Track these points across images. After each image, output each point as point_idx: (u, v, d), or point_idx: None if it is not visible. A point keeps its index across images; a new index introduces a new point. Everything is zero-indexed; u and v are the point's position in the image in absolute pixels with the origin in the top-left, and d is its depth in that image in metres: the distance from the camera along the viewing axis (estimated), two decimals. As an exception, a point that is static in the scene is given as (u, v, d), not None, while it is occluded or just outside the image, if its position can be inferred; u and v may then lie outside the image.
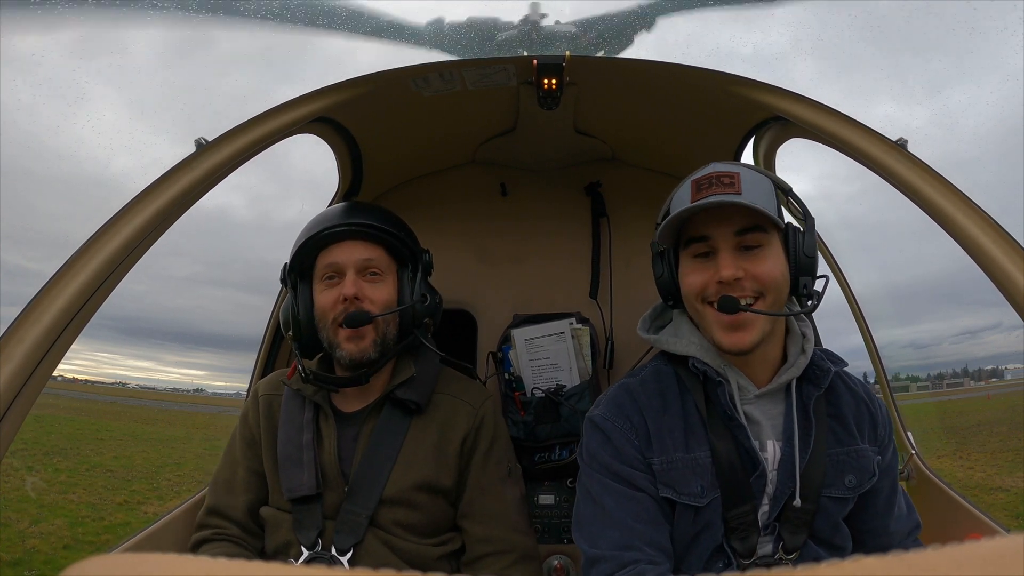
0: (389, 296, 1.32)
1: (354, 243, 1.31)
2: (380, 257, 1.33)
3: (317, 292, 1.32)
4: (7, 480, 8.76)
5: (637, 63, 1.37)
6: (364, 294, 1.29)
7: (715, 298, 1.04)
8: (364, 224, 1.31)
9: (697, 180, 1.07)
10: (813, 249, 1.09)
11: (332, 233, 1.30)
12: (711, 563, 1.07)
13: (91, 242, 1.09)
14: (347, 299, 1.27)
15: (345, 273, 1.29)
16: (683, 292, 1.12)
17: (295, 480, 1.27)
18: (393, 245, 1.35)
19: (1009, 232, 1.05)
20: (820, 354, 1.14)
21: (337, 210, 1.36)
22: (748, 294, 1.03)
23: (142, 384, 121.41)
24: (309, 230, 1.33)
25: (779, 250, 1.07)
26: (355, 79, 1.36)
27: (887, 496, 1.14)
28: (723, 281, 1.03)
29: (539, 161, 2.02)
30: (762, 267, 1.03)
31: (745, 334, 1.03)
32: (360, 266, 1.30)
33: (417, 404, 1.33)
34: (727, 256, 1.04)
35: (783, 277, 1.06)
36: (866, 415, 1.15)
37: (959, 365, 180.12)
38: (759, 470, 1.06)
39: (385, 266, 1.34)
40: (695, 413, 1.11)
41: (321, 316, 1.31)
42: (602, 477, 1.10)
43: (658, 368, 1.19)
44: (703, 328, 1.10)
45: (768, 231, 1.05)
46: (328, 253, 1.31)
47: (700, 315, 1.09)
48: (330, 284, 1.31)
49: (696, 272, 1.07)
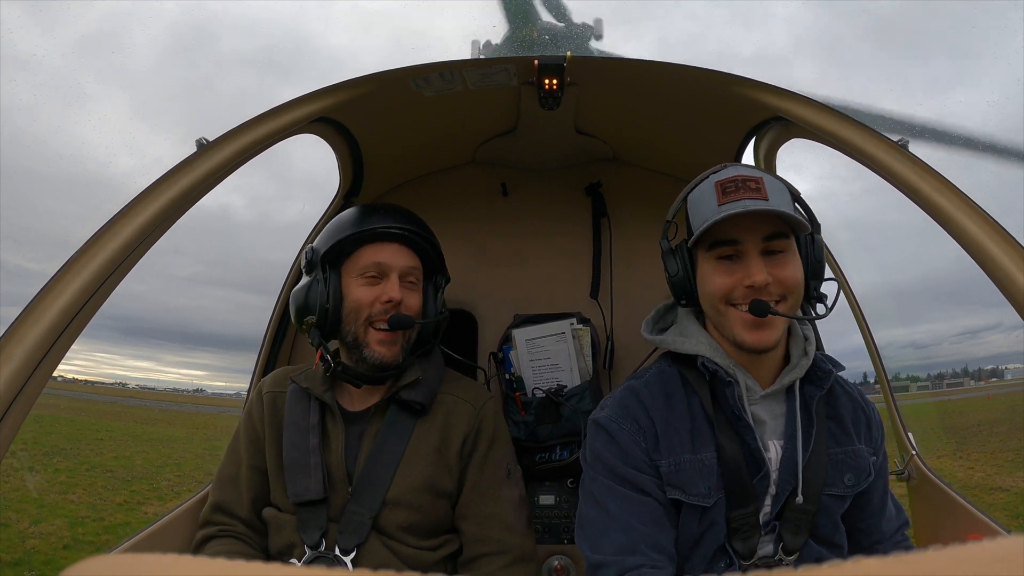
0: (420, 305, 1.37)
1: (401, 247, 1.34)
2: (419, 267, 1.38)
3: (353, 285, 1.31)
4: (7, 480, 8.76)
5: (638, 63, 1.37)
6: (404, 300, 1.31)
7: (741, 300, 1.07)
8: (415, 232, 1.35)
9: (722, 182, 1.07)
10: (822, 254, 1.14)
11: (385, 232, 1.32)
12: (713, 564, 1.08)
13: (91, 242, 1.09)
14: (391, 301, 1.29)
15: (389, 275, 1.31)
16: (704, 293, 1.13)
17: (301, 485, 1.27)
18: (430, 258, 1.41)
19: (1009, 232, 1.06)
20: (820, 357, 1.17)
21: (379, 210, 1.37)
22: (774, 297, 1.07)
23: (142, 384, 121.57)
24: (352, 224, 1.33)
25: (797, 255, 1.11)
26: (356, 79, 1.36)
27: (880, 496, 1.18)
28: (754, 286, 1.05)
29: (540, 161, 2.02)
30: (786, 272, 1.07)
31: (769, 333, 1.06)
32: (404, 272, 1.33)
33: (422, 405, 1.33)
34: (757, 261, 1.06)
35: (802, 281, 1.10)
36: (862, 417, 1.18)
37: (959, 365, 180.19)
38: (763, 471, 1.08)
39: (420, 276, 1.39)
40: (701, 414, 1.12)
41: (354, 311, 1.30)
42: (606, 480, 1.10)
43: (662, 370, 1.20)
44: (723, 327, 1.12)
45: (789, 237, 1.09)
46: (375, 251, 1.32)
47: (722, 315, 1.10)
48: (372, 281, 1.31)
49: (722, 275, 1.09)
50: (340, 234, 1.32)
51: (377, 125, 1.68)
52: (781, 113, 1.34)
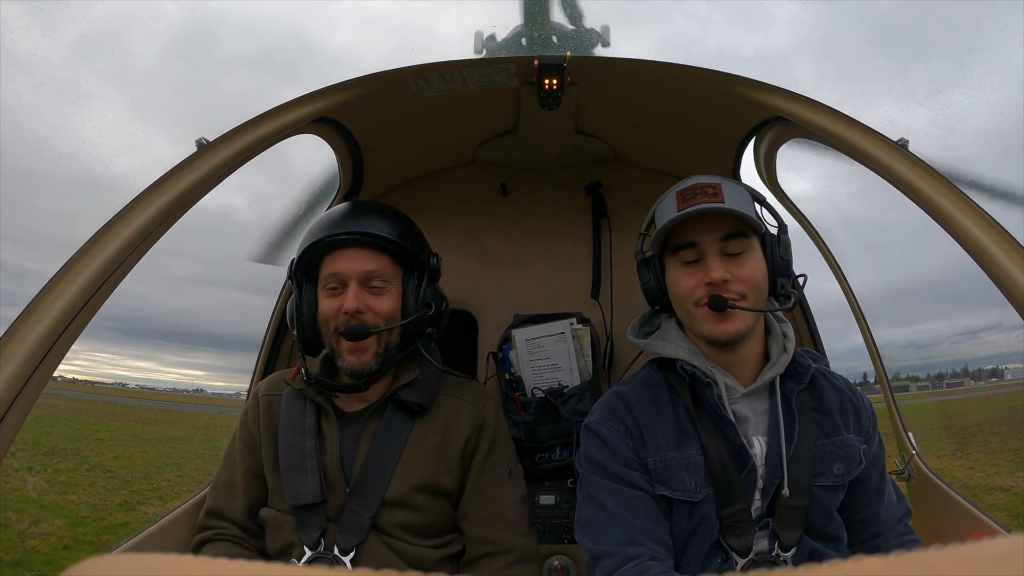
0: (393, 307, 1.29)
1: (358, 252, 1.27)
2: (384, 266, 1.29)
3: (322, 297, 1.30)
4: (7, 481, 8.76)
5: (638, 63, 1.37)
6: (367, 305, 1.26)
7: (705, 299, 1.13)
8: (368, 234, 1.27)
9: (682, 191, 1.15)
10: (788, 253, 1.19)
11: (335, 241, 1.26)
12: (709, 559, 1.11)
13: (91, 242, 1.09)
14: (348, 312, 1.24)
15: (347, 284, 1.26)
16: (674, 297, 1.20)
17: (299, 488, 1.27)
18: (398, 254, 1.31)
19: (1009, 232, 1.06)
20: (802, 352, 1.23)
21: (342, 213, 1.32)
22: (734, 295, 1.12)
23: (142, 384, 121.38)
24: (314, 234, 1.29)
25: (759, 255, 1.16)
26: (356, 79, 1.36)
27: (876, 484, 1.19)
28: (712, 282, 1.11)
29: (540, 161, 2.02)
30: (745, 270, 1.13)
31: (732, 323, 1.12)
32: (363, 277, 1.26)
33: (420, 406, 1.33)
34: (715, 260, 1.13)
35: (763, 279, 1.15)
36: (850, 407, 1.21)
37: (959, 365, 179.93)
38: (749, 465, 1.11)
39: (390, 275, 1.30)
40: (685, 415, 1.18)
41: (324, 324, 1.29)
42: (601, 479, 1.15)
43: (648, 375, 1.27)
44: (694, 327, 1.18)
45: (749, 237, 1.15)
46: (331, 261, 1.28)
47: (691, 316, 1.17)
48: (332, 293, 1.28)
49: (686, 277, 1.16)
50: (303, 247, 1.30)
51: (377, 125, 1.68)
52: (781, 113, 1.34)
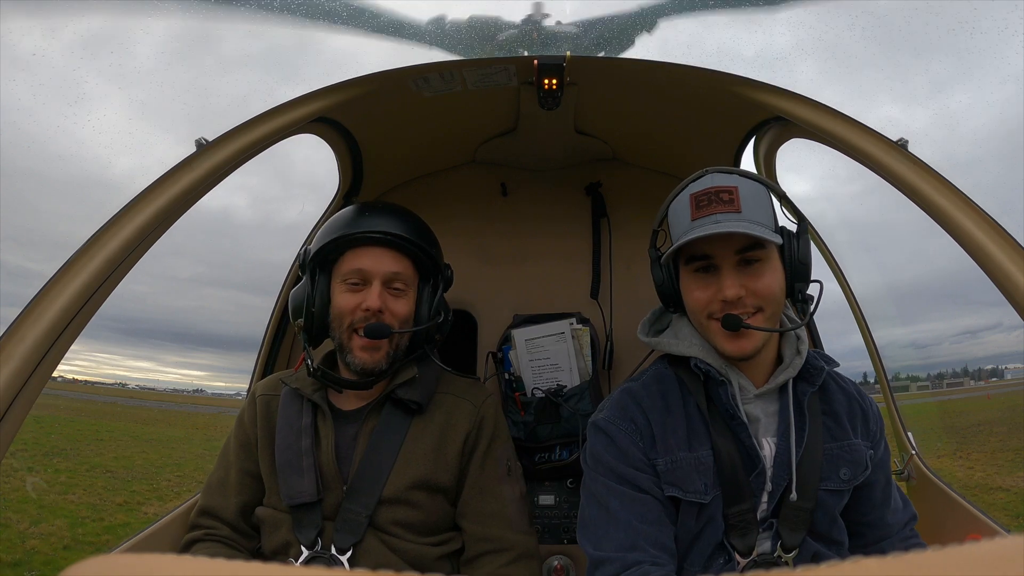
0: (409, 311, 1.32)
1: (385, 252, 1.29)
2: (407, 270, 1.31)
3: (337, 291, 1.30)
4: (7, 481, 8.76)
5: (638, 63, 1.37)
6: (387, 307, 1.28)
7: (719, 314, 1.09)
8: (399, 236, 1.29)
9: (696, 195, 1.09)
10: (807, 254, 1.13)
11: (367, 237, 1.28)
12: (712, 560, 1.10)
13: (91, 242, 1.09)
14: (369, 310, 1.25)
15: (371, 282, 1.28)
16: (688, 306, 1.16)
17: (295, 488, 1.27)
18: (420, 259, 1.34)
19: (1009, 232, 1.06)
20: (814, 354, 1.19)
21: (372, 211, 1.33)
22: (749, 309, 1.08)
23: (142, 385, 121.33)
24: (341, 226, 1.29)
25: (776, 262, 1.11)
26: (356, 79, 1.36)
27: (883, 488, 1.18)
28: (726, 300, 1.07)
29: (540, 161, 2.02)
30: (760, 283, 1.08)
31: (747, 342, 1.08)
32: (387, 278, 1.28)
33: (419, 404, 1.33)
34: (730, 275, 1.07)
35: (780, 289, 1.10)
36: (858, 412, 1.19)
37: (959, 365, 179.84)
38: (759, 467, 1.09)
39: (410, 279, 1.33)
40: (697, 413, 1.15)
41: (337, 317, 1.29)
42: (607, 480, 1.12)
43: (659, 371, 1.23)
44: (707, 338, 1.14)
45: (766, 246, 1.09)
46: (356, 256, 1.29)
47: (704, 327, 1.13)
48: (353, 288, 1.28)
49: (700, 288, 1.11)
50: (327, 237, 1.30)
51: (377, 125, 1.68)
52: (781, 113, 1.34)
